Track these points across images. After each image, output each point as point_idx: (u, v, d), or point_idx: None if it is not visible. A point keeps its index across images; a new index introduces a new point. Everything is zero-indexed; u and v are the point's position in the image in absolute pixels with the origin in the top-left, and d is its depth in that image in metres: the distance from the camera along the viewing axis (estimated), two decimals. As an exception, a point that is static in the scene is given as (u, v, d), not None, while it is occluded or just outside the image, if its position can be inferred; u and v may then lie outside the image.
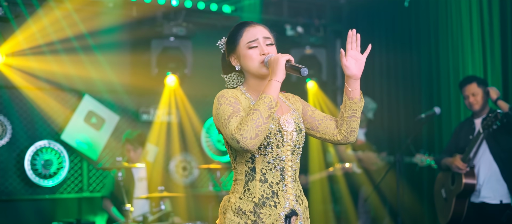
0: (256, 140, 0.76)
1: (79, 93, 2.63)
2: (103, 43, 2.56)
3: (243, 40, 0.88)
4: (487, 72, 2.43)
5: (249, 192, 0.88)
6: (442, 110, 2.42)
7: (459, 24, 2.57)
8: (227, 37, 0.93)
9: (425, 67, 2.78)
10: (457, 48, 2.57)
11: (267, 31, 0.92)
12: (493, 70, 2.44)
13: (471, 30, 2.50)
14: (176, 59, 2.62)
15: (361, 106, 0.89)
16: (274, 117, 0.87)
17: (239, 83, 0.93)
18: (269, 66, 0.83)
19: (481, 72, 2.41)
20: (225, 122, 0.79)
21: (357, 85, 0.88)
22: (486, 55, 2.45)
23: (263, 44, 0.88)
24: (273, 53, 0.88)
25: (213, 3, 2.62)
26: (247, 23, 0.93)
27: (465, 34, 2.52)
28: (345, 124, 0.90)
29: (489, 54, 2.45)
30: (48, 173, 2.56)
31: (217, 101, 0.83)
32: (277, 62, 0.80)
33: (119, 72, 2.64)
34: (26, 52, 2.48)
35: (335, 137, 0.92)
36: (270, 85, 0.80)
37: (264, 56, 0.86)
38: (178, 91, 2.72)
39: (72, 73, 2.56)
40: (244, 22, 0.94)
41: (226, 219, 0.88)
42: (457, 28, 2.58)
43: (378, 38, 2.95)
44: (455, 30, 2.59)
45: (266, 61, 0.84)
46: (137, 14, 2.60)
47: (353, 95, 0.88)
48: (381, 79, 2.96)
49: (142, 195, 2.30)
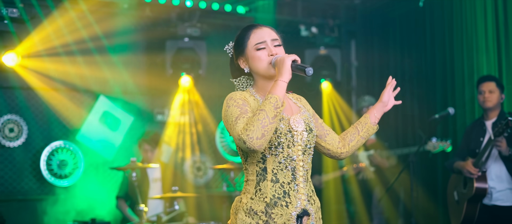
0: (262, 140, 0.76)
1: (94, 94, 2.65)
2: (117, 44, 2.57)
3: (251, 42, 0.88)
4: (502, 72, 2.42)
5: (260, 192, 0.88)
6: (456, 111, 2.41)
7: (474, 24, 2.55)
8: (235, 40, 0.93)
9: (439, 67, 2.77)
10: (472, 48, 2.55)
11: (274, 33, 0.92)
12: (508, 70, 2.42)
13: (485, 29, 2.48)
14: (190, 59, 2.62)
15: (374, 133, 1.03)
16: (284, 118, 0.87)
17: (248, 86, 0.93)
18: (275, 67, 0.84)
19: (496, 72, 2.40)
20: (232, 123, 0.79)
21: (381, 115, 1.00)
22: (501, 55, 2.44)
23: (271, 45, 0.88)
24: (281, 53, 0.88)
25: (227, 4, 2.61)
26: (254, 25, 0.94)
27: (480, 34, 2.50)
28: (356, 142, 0.98)
29: (504, 54, 2.43)
30: (64, 173, 2.58)
31: (225, 103, 0.84)
32: (283, 62, 0.81)
33: (134, 73, 2.65)
34: (41, 53, 2.50)
35: (339, 149, 0.98)
36: (276, 85, 0.80)
37: (272, 56, 0.86)
38: (192, 92, 2.73)
39: (87, 74, 2.58)
40: (251, 25, 0.95)
41: (237, 220, 0.88)
42: (471, 28, 2.57)
43: (393, 38, 2.94)
44: (470, 30, 2.58)
45: (274, 62, 0.84)
46: (152, 15, 2.61)
47: (376, 121, 0.99)
48: (395, 79, 2.95)
49: (157, 195, 2.32)
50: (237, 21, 2.74)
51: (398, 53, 2.89)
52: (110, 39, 2.55)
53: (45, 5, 2.48)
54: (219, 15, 2.72)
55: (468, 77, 2.56)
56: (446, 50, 2.71)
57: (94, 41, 2.54)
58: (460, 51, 2.62)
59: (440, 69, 2.75)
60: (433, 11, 2.76)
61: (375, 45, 3.10)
